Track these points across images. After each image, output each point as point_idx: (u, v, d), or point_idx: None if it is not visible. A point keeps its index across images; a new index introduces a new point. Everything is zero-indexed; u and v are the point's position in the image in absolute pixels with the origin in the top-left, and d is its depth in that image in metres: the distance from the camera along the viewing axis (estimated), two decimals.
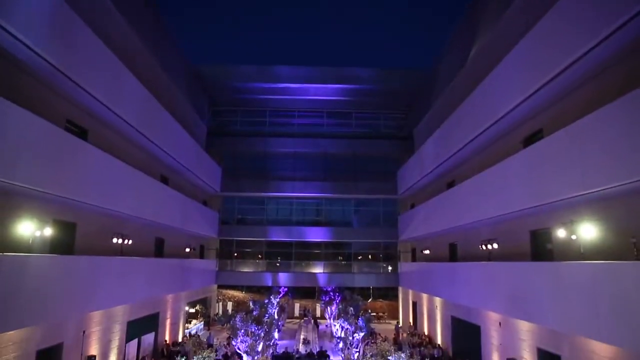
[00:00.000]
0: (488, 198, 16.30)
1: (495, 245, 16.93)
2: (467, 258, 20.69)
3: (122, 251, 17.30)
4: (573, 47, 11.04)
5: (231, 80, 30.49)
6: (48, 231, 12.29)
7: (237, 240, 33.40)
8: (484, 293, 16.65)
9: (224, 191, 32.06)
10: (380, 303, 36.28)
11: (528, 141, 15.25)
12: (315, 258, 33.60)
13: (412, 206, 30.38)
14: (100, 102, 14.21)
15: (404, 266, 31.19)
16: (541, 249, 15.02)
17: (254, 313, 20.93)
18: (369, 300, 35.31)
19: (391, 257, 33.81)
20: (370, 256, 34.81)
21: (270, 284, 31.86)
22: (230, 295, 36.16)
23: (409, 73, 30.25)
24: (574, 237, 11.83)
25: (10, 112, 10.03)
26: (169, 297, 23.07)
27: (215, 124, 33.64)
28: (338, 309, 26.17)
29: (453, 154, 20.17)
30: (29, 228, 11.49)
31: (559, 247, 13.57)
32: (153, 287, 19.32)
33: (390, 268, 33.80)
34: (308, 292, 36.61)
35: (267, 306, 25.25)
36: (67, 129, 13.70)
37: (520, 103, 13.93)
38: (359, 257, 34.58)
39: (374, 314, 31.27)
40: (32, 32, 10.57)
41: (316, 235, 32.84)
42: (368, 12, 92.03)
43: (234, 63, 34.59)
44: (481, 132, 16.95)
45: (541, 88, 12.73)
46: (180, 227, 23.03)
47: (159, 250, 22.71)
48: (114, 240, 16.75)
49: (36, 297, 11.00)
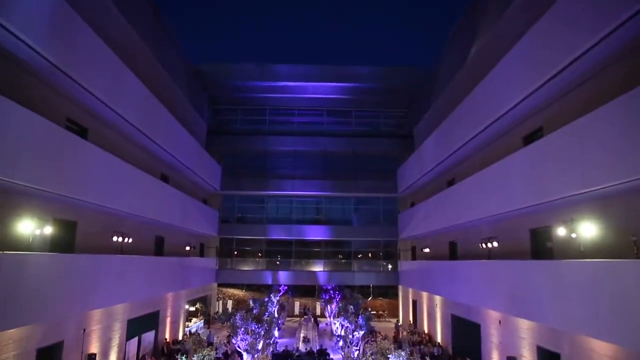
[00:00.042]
0: (488, 196, 16.30)
1: (496, 244, 16.94)
2: (467, 256, 20.70)
3: (122, 249, 17.31)
4: (573, 46, 11.03)
5: (231, 79, 30.49)
6: (48, 230, 12.28)
7: (237, 239, 33.43)
8: (484, 291, 16.67)
9: (224, 189, 32.06)
10: (380, 301, 36.31)
11: (528, 139, 15.24)
12: (315, 256, 33.62)
13: (412, 204, 30.38)
14: (101, 100, 14.21)
15: (404, 264, 31.21)
16: (541, 247, 15.03)
17: (254, 311, 20.96)
18: (369, 298, 35.33)
19: (391, 255, 33.83)
20: (370, 254, 34.82)
21: (270, 282, 31.91)
22: (230, 294, 36.19)
23: (409, 71, 30.25)
24: (574, 236, 11.83)
25: (10, 110, 10.02)
26: (169, 296, 23.09)
27: (215, 123, 33.63)
28: (338, 307, 26.19)
29: (453, 152, 20.17)
30: (29, 226, 11.48)
31: (559, 246, 13.58)
32: (153, 286, 19.34)
33: (390, 266, 33.83)
34: (308, 290, 36.62)
35: (267, 304, 25.29)
36: (67, 128, 13.71)
37: (520, 101, 13.92)
38: (359, 256, 34.60)
39: (374, 312, 31.31)
40: (32, 31, 10.55)
41: (316, 233, 32.85)
42: (368, 11, 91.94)
43: (233, 61, 34.51)
44: (482, 130, 16.94)
45: (542, 86, 12.72)
46: (180, 226, 23.04)
47: (159, 249, 22.73)
48: (114, 239, 16.76)
49: (36, 296, 11.01)
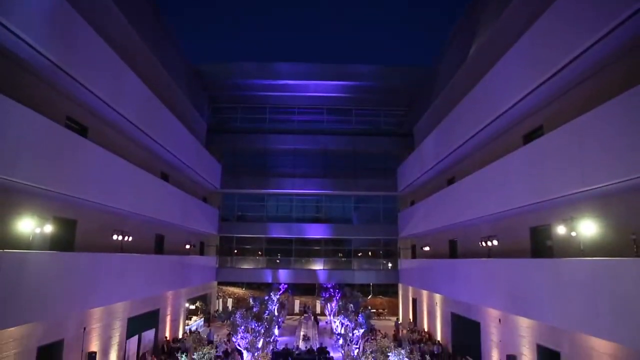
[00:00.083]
0: (488, 195, 16.30)
1: (495, 242, 16.95)
2: (467, 255, 20.71)
3: (122, 248, 17.32)
4: (573, 45, 11.01)
5: (231, 77, 30.45)
6: (48, 228, 12.28)
7: (237, 237, 33.45)
8: (484, 290, 16.68)
9: (224, 188, 32.07)
10: (380, 300, 36.33)
11: (528, 138, 15.24)
12: (315, 255, 33.65)
13: (412, 203, 30.39)
14: (101, 99, 14.20)
15: (404, 263, 31.23)
16: (541, 245, 15.04)
17: (254, 310, 20.98)
18: (369, 296, 35.32)
19: (391, 253, 33.86)
20: (370, 253, 34.85)
21: (270, 280, 31.92)
22: (230, 292, 36.20)
23: (409, 70, 30.21)
24: (573, 234, 11.84)
25: (10, 109, 10.01)
26: (169, 294, 23.11)
27: (215, 121, 33.61)
28: (338, 306, 26.20)
29: (453, 151, 20.16)
30: (29, 225, 11.49)
31: (558, 244, 13.59)
32: (153, 284, 19.35)
33: (390, 265, 33.86)
34: (308, 288, 36.63)
35: (267, 303, 25.30)
36: (67, 126, 13.70)
37: (520, 100, 13.91)
38: (359, 254, 34.61)
39: (373, 310, 31.25)
40: (33, 30, 10.54)
41: (316, 232, 32.87)
42: (368, 10, 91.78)
43: (233, 60, 34.47)
44: (482, 129, 16.93)
45: (541, 85, 12.71)
46: (180, 224, 23.06)
47: (159, 247, 22.74)
48: (114, 237, 16.77)
49: (37, 294, 11.02)
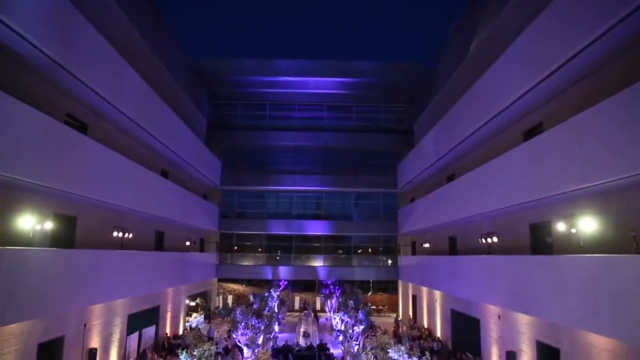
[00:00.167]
0: (488, 191, 16.30)
1: (495, 239, 16.97)
2: (466, 251, 20.73)
3: (122, 245, 17.33)
4: (572, 42, 10.99)
5: (231, 74, 30.38)
6: (48, 225, 12.29)
7: (237, 234, 33.47)
8: (484, 286, 16.71)
9: (224, 185, 32.07)
10: (380, 296, 36.41)
11: (528, 134, 15.22)
12: (315, 251, 33.68)
13: (412, 200, 30.39)
14: (101, 96, 14.18)
15: (404, 259, 31.27)
16: (541, 242, 15.04)
17: (254, 306, 21.04)
18: (369, 293, 35.40)
19: (391, 250, 33.89)
20: (370, 249, 34.89)
21: (270, 277, 31.97)
22: (230, 289, 36.28)
23: (410, 67, 30.14)
24: (573, 231, 11.84)
25: (10, 106, 9.99)
26: (170, 291, 23.15)
27: (215, 118, 33.55)
28: (338, 302, 26.29)
29: (453, 147, 20.14)
30: (29, 222, 11.49)
31: (558, 241, 13.59)
32: (153, 281, 19.38)
33: (390, 261, 33.90)
34: (308, 285, 36.71)
35: (267, 299, 25.37)
36: (66, 123, 13.67)
37: (520, 97, 13.88)
38: (359, 251, 34.64)
39: (373, 307, 31.36)
40: (33, 27, 10.52)
41: (316, 228, 32.89)
42: (368, 7, 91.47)
43: (233, 56, 34.37)
44: (482, 125, 16.91)
45: (541, 82, 12.69)
46: (181, 221, 23.07)
47: (159, 244, 22.76)
48: (115, 234, 16.79)
49: (37, 291, 11.03)
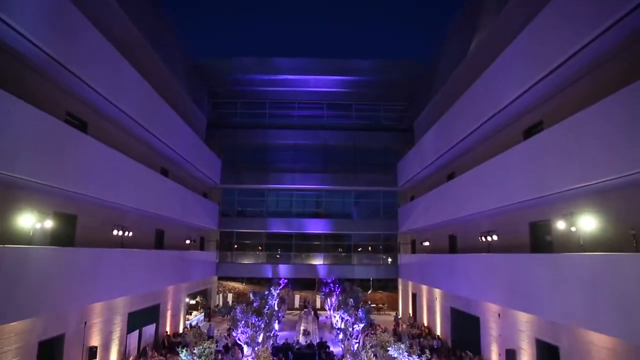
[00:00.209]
0: (488, 190, 16.31)
1: (495, 237, 16.97)
2: (466, 250, 20.75)
3: (122, 243, 17.34)
4: (572, 41, 10.99)
5: (231, 72, 30.34)
6: (49, 223, 12.29)
7: (237, 232, 33.48)
8: (484, 285, 16.73)
9: (224, 183, 32.06)
10: (380, 294, 36.46)
11: (528, 133, 15.21)
12: (315, 250, 33.69)
13: (412, 198, 30.40)
14: (101, 94, 14.16)
15: (404, 258, 31.29)
16: (540, 240, 15.06)
17: (254, 304, 21.04)
18: (369, 291, 35.48)
19: (391, 248, 33.91)
20: (370, 248, 34.91)
21: (270, 275, 32.00)
22: (230, 287, 36.33)
23: (409, 65, 30.08)
24: (573, 229, 11.85)
25: (10, 104, 9.98)
26: (170, 289, 23.18)
27: (214, 116, 33.53)
28: (338, 301, 26.30)
29: (454, 146, 20.14)
30: (29, 220, 11.49)
31: (558, 239, 13.61)
32: (153, 279, 19.40)
33: (390, 260, 33.92)
34: (308, 283, 36.76)
35: (268, 297, 25.37)
36: (66, 122, 13.65)
37: (520, 95, 13.88)
38: (359, 249, 34.68)
39: (373, 305, 31.44)
40: (32, 25, 10.50)
41: (316, 227, 32.90)
42: (368, 6, 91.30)
43: (233, 55, 34.36)
44: (482, 124, 16.91)
45: (541, 80, 12.68)
46: (181, 219, 23.07)
47: (159, 242, 22.76)
48: (115, 232, 16.78)
49: (37, 289, 11.05)
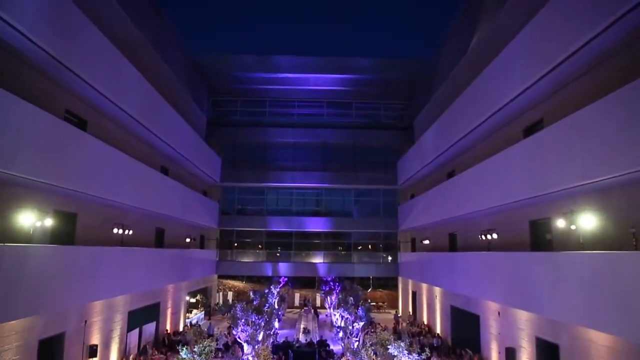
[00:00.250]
0: (488, 188, 16.29)
1: (495, 235, 16.98)
2: (466, 248, 20.75)
3: (122, 241, 17.34)
4: (573, 38, 10.96)
5: (231, 70, 30.31)
6: (49, 222, 12.29)
7: (237, 231, 33.50)
8: (484, 283, 16.73)
9: (223, 181, 32.06)
10: (380, 293, 36.48)
11: (529, 131, 15.19)
12: (315, 248, 33.71)
13: (412, 196, 30.40)
14: (100, 92, 14.15)
15: (404, 256, 31.30)
16: (540, 239, 15.06)
17: (255, 303, 21.05)
18: (369, 290, 35.49)
19: (391, 247, 33.92)
20: (370, 246, 34.91)
21: (270, 274, 32.03)
22: (230, 285, 36.34)
23: (410, 63, 30.03)
24: (573, 227, 11.86)
25: (10, 103, 9.96)
26: (170, 287, 23.19)
27: (214, 114, 33.52)
28: (338, 299, 26.30)
29: (454, 144, 20.12)
30: (29, 219, 11.49)
31: (558, 237, 13.60)
32: (154, 277, 19.41)
33: (390, 258, 33.93)
34: (308, 282, 36.77)
35: (268, 296, 25.39)
36: (66, 120, 13.65)
37: (521, 93, 13.85)
38: (359, 247, 34.69)
39: (373, 303, 31.47)
40: (31, 23, 10.48)
41: (316, 225, 32.91)
42: (368, 5, 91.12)
43: (233, 53, 34.27)
44: (482, 122, 16.88)
45: (542, 78, 12.66)
46: (181, 218, 23.07)
47: (160, 241, 22.77)
48: (115, 231, 16.79)
49: (38, 288, 11.05)
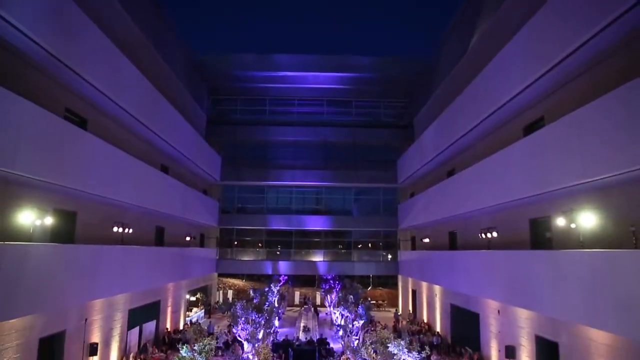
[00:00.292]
0: (488, 186, 16.29)
1: (495, 234, 16.98)
2: (466, 246, 20.76)
3: (122, 240, 17.35)
4: (571, 37, 10.95)
5: (231, 69, 30.28)
6: (49, 220, 12.29)
7: (237, 229, 33.53)
8: (483, 281, 16.74)
9: (224, 180, 32.06)
10: (380, 291, 36.49)
11: (529, 129, 15.18)
12: (315, 246, 33.74)
13: (412, 195, 30.39)
14: (100, 91, 14.13)
15: (404, 254, 31.32)
16: (540, 237, 15.06)
17: (255, 301, 21.08)
18: (369, 288, 35.46)
19: (391, 245, 33.94)
20: (370, 244, 34.94)
21: (270, 272, 32.04)
22: (230, 284, 36.36)
23: (409, 61, 30.01)
24: (573, 226, 11.85)
25: (9, 101, 9.96)
26: (170, 286, 23.21)
27: (214, 113, 33.50)
28: (338, 297, 26.30)
29: (454, 142, 20.11)
30: (29, 217, 11.49)
31: (558, 236, 13.60)
32: (154, 276, 19.43)
33: (390, 256, 33.96)
34: (308, 280, 36.79)
35: (268, 294, 25.41)
36: (66, 118, 13.65)
37: (520, 91, 13.84)
38: (359, 246, 34.71)
39: (373, 302, 31.42)
40: (30, 21, 10.46)
41: (316, 223, 32.93)
42: (368, 4, 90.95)
43: (233, 51, 34.27)
44: (482, 120, 16.87)
45: (541, 77, 12.65)
46: (181, 216, 23.08)
47: (160, 239, 22.79)
48: (115, 229, 16.79)
49: (38, 286, 11.06)
